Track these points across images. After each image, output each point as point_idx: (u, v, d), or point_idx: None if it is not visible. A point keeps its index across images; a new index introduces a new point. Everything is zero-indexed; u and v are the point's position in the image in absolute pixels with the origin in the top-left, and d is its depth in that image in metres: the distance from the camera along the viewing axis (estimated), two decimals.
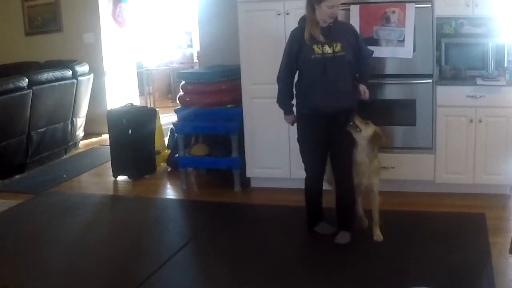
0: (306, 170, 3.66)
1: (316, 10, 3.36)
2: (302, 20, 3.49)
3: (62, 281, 3.26)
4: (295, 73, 3.58)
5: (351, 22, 4.19)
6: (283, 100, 3.66)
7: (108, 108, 6.34)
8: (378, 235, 3.54)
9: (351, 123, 3.44)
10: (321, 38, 3.39)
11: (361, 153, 3.48)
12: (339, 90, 3.45)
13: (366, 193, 3.60)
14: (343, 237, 3.52)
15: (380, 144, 3.54)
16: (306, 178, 3.66)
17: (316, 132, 3.53)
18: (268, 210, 4.31)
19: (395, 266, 3.20)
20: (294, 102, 3.67)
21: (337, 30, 3.44)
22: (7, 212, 4.49)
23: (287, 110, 3.69)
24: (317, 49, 3.40)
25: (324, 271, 3.20)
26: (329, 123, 3.48)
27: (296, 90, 3.61)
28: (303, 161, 3.67)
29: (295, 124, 3.70)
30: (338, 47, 3.39)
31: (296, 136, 4.32)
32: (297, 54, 3.48)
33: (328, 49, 3.39)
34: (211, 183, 5.06)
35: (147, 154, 5.42)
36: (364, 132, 3.46)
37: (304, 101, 3.56)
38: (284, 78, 3.59)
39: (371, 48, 4.16)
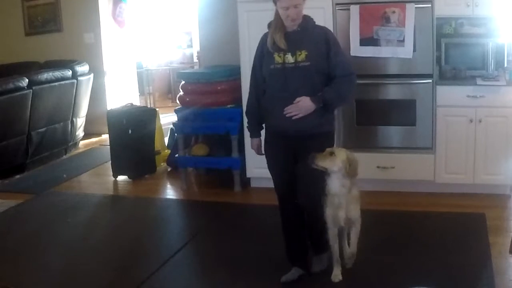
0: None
1: None
2: (269, 25, 3.01)
3: (62, 281, 3.26)
4: (262, 86, 3.04)
5: (351, 22, 4.20)
6: (248, 120, 3.19)
7: (108, 108, 6.35)
8: (348, 264, 3.04)
9: (313, 164, 2.80)
10: (283, 44, 2.89)
11: (335, 183, 2.86)
12: None
13: (346, 225, 3.01)
14: (318, 263, 3.11)
15: (354, 172, 2.87)
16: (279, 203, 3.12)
17: (276, 152, 3.03)
18: (268, 210, 4.29)
19: (395, 266, 3.20)
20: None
21: (306, 36, 2.91)
22: (7, 212, 4.49)
23: (251, 133, 3.18)
24: (277, 58, 2.89)
25: (324, 271, 3.19)
26: (294, 145, 2.95)
27: (263, 101, 3.05)
28: None
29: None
30: (302, 56, 2.86)
31: None
32: (260, 62, 3.01)
33: (290, 58, 2.87)
34: (211, 183, 5.06)
35: (147, 154, 5.42)
36: (331, 166, 2.82)
37: (266, 117, 3.05)
38: (251, 105, 3.13)
39: (370, 48, 4.19)
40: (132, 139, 5.26)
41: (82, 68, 6.44)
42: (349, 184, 2.88)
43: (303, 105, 2.84)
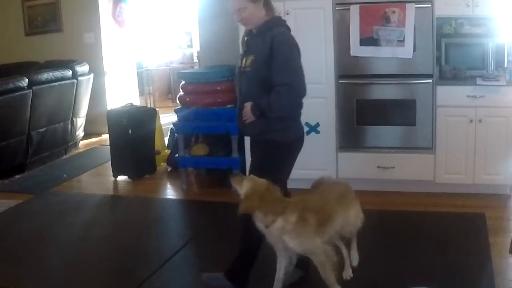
0: None
1: None
2: None
3: (62, 280, 3.27)
4: None
5: (351, 22, 4.20)
6: None
7: (108, 108, 6.34)
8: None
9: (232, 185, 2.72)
10: (242, 48, 2.97)
11: (255, 217, 2.66)
12: None
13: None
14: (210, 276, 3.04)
15: (241, 209, 2.62)
16: None
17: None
18: None
19: (395, 266, 3.20)
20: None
21: (258, 41, 2.84)
22: (7, 212, 4.49)
23: None
24: (240, 61, 2.95)
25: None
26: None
27: None
28: None
29: None
30: (248, 61, 2.84)
31: None
32: None
33: (243, 63, 2.89)
34: (211, 183, 5.06)
35: (147, 154, 5.42)
36: (240, 193, 2.68)
37: None
38: None
39: (370, 48, 4.19)
40: (132, 139, 5.26)
41: (82, 68, 6.44)
42: (262, 217, 2.62)
43: (246, 111, 2.86)
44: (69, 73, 6.09)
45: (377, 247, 3.46)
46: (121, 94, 7.41)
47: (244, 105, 2.86)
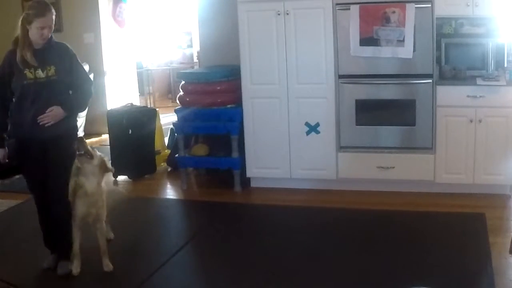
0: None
1: (29, 31, 3.17)
2: (15, 42, 3.28)
3: (62, 281, 3.26)
4: (9, 100, 3.27)
5: (351, 22, 4.20)
6: None
7: (108, 108, 6.34)
8: (107, 265, 3.34)
9: (81, 152, 3.23)
10: (33, 61, 3.16)
11: (93, 182, 3.27)
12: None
13: (93, 224, 3.40)
14: (62, 268, 3.34)
15: (109, 170, 3.43)
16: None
17: (28, 158, 3.32)
18: (268, 210, 4.31)
19: (395, 266, 3.20)
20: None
21: (52, 53, 3.22)
22: (7, 212, 4.49)
23: None
24: (29, 74, 3.15)
25: (325, 271, 3.20)
26: (46, 147, 3.26)
27: (11, 115, 3.31)
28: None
29: None
30: (52, 71, 3.18)
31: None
32: (9, 77, 3.22)
33: (41, 74, 3.16)
34: (211, 183, 5.06)
35: (147, 154, 5.42)
36: (95, 158, 3.30)
37: (15, 129, 3.34)
38: None
39: (370, 48, 4.20)
40: (132, 139, 5.26)
41: None
42: (101, 185, 3.36)
43: (55, 114, 3.20)
44: None
45: (377, 247, 3.46)
46: (121, 94, 7.41)
47: (51, 109, 3.18)
